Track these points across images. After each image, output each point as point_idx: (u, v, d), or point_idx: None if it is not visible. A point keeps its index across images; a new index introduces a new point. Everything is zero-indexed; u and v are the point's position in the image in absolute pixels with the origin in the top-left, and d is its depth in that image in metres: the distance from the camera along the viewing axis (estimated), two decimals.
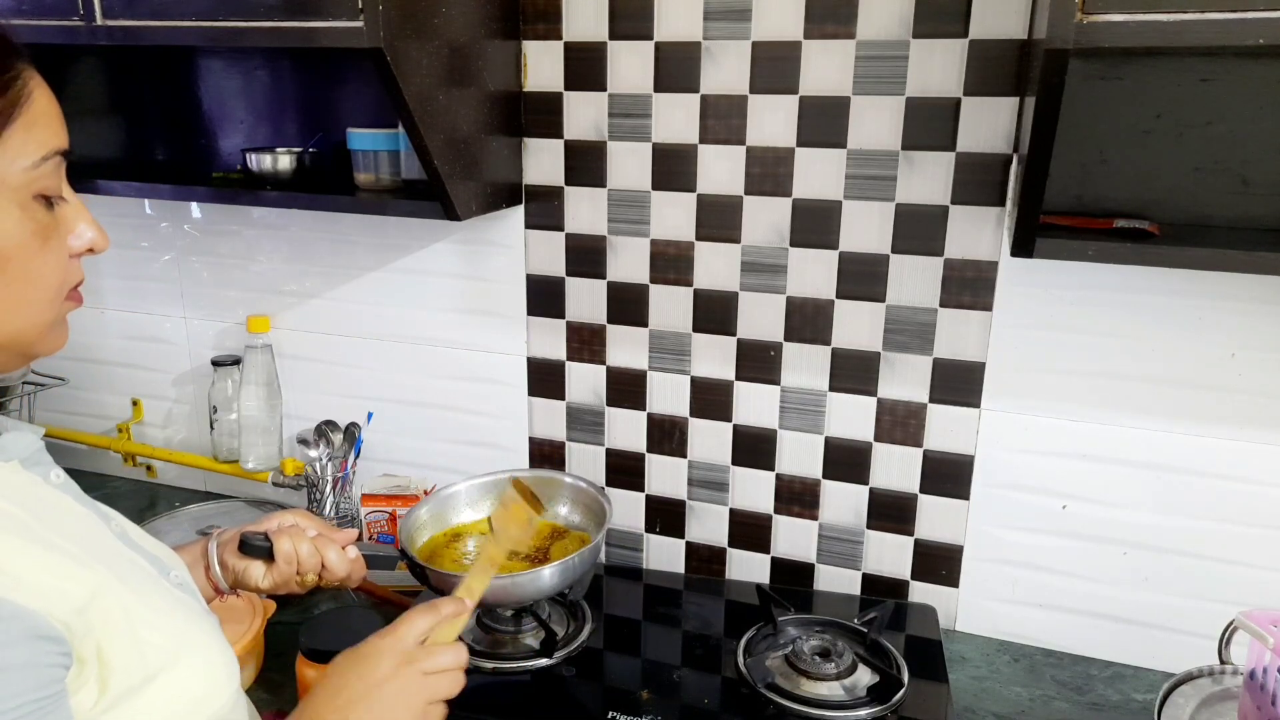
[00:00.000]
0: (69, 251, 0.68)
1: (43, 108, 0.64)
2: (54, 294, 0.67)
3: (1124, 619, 1.24)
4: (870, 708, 1.07)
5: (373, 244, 1.49)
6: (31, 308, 0.65)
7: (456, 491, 1.29)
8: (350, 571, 0.98)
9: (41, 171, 0.63)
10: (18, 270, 0.63)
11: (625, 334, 1.38)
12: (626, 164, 1.31)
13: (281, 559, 0.94)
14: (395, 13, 1.04)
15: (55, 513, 0.68)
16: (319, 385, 1.60)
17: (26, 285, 0.64)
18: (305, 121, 1.49)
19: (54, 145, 0.65)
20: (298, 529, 0.97)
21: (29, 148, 0.62)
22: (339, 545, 0.98)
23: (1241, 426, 1.13)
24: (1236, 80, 1.03)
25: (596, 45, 1.28)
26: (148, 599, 0.69)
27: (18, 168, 0.62)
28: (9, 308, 0.64)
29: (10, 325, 0.65)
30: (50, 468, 0.71)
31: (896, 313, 1.24)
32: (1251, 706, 0.93)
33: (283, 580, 0.95)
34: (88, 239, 0.69)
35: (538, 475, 1.33)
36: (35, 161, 0.63)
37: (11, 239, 0.62)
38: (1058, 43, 0.80)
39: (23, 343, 0.66)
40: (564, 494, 1.29)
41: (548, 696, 1.12)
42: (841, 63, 1.18)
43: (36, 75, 0.64)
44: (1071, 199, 1.12)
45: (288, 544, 0.94)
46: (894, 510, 1.31)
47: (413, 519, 1.23)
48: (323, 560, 0.96)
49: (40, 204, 0.64)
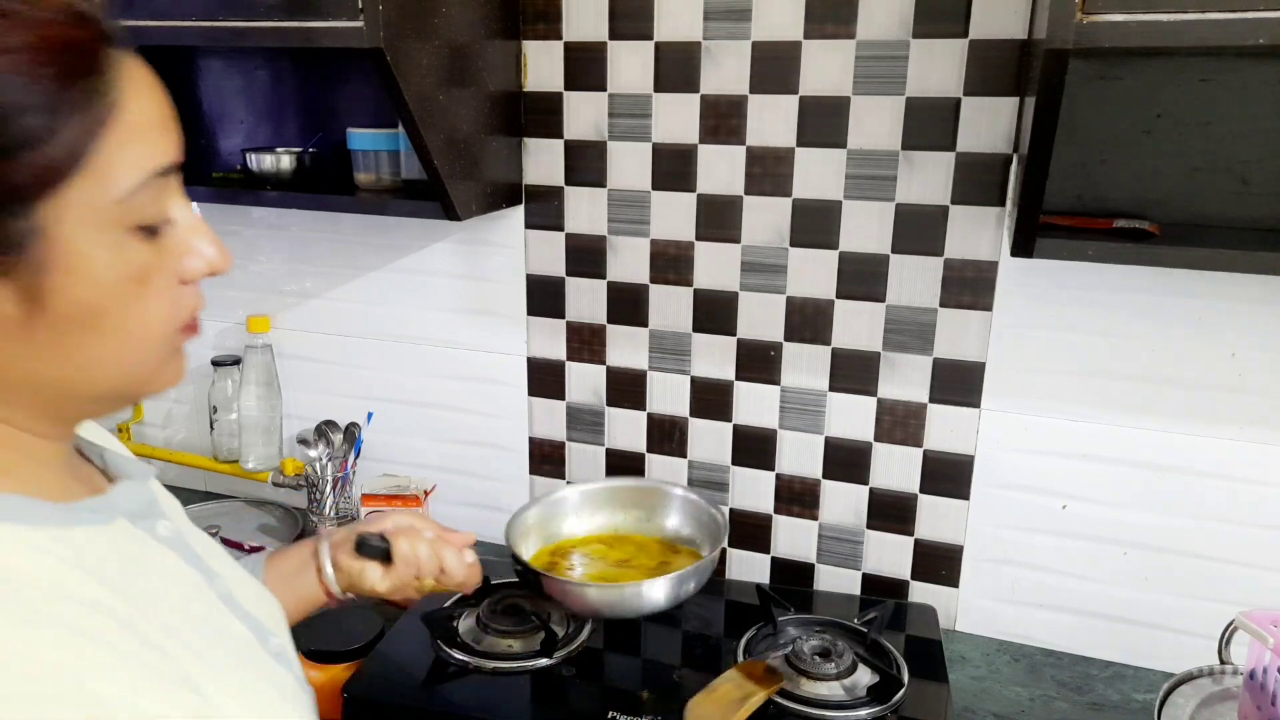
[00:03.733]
0: (181, 278, 0.55)
1: (140, 116, 0.50)
2: (160, 339, 0.55)
3: (1124, 619, 1.24)
4: (870, 708, 1.07)
5: (373, 244, 1.49)
6: (135, 357, 0.54)
7: (564, 497, 1.24)
8: (467, 576, 0.94)
9: (139, 200, 0.50)
10: (114, 324, 0.51)
11: (625, 334, 1.38)
12: (626, 164, 1.31)
13: (400, 561, 0.90)
14: (395, 13, 1.04)
15: (155, 586, 0.58)
16: (319, 385, 1.60)
17: (126, 338, 0.53)
18: (305, 121, 1.49)
19: (156, 163, 0.51)
20: (414, 530, 0.93)
21: (120, 173, 0.49)
22: (456, 548, 0.94)
23: (1242, 426, 1.13)
24: (1236, 80, 1.03)
25: (596, 45, 1.28)
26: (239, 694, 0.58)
27: (106, 201, 0.48)
28: (109, 361, 0.53)
29: (109, 378, 0.54)
30: (158, 520, 0.63)
31: (896, 313, 1.24)
32: (1251, 706, 0.93)
33: (401, 583, 0.91)
34: (206, 260, 0.56)
35: (645, 484, 1.27)
36: (131, 189, 0.49)
37: (101, 288, 0.50)
38: (1058, 43, 0.80)
39: (128, 394, 0.57)
40: (674, 506, 1.24)
41: (548, 696, 1.12)
42: (841, 63, 1.18)
43: (134, 71, 0.50)
44: (1071, 199, 1.12)
45: (406, 545, 0.90)
46: (894, 510, 1.31)
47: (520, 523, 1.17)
48: (441, 564, 0.92)
49: (139, 238, 0.51)
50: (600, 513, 1.26)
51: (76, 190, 0.47)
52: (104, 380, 0.54)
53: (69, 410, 0.57)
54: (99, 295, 0.50)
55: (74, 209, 0.48)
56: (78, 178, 0.47)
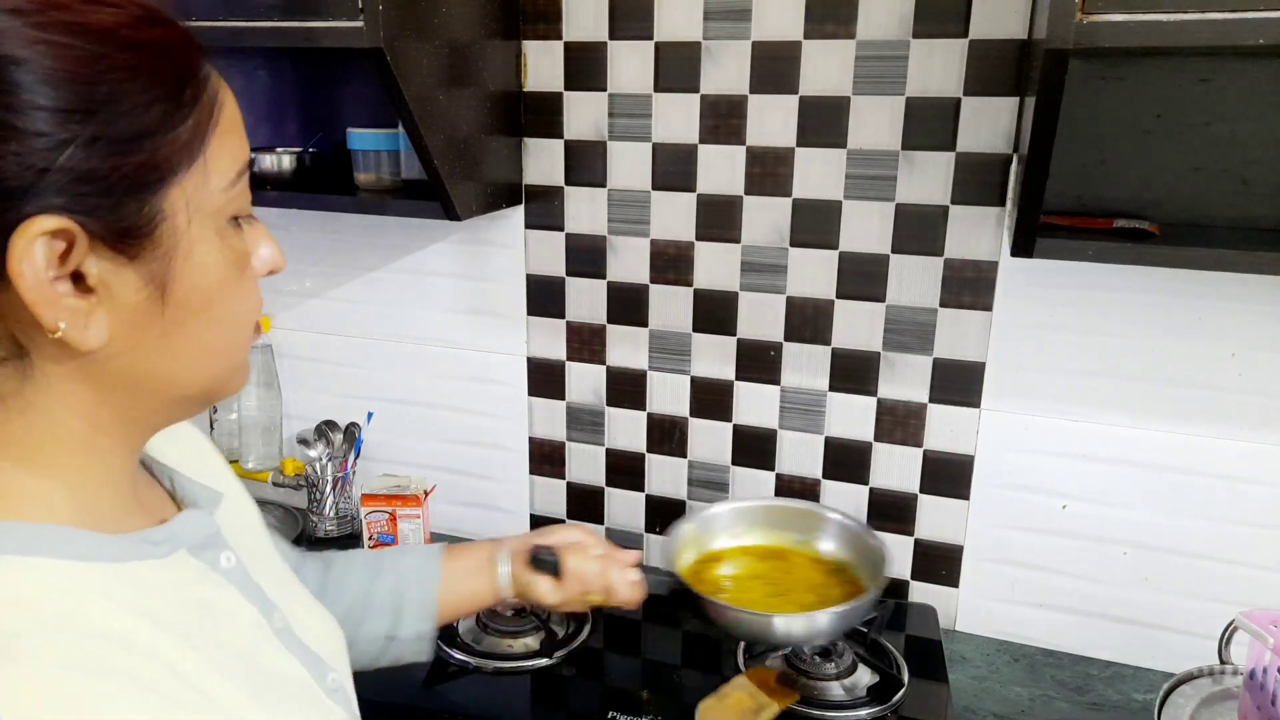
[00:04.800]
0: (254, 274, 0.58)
1: (231, 114, 0.55)
2: (248, 332, 0.57)
3: (1124, 619, 1.24)
4: (870, 708, 1.07)
5: (373, 244, 1.49)
6: (232, 349, 0.56)
7: (716, 514, 1.21)
8: (631, 595, 0.97)
9: (237, 190, 0.54)
10: (222, 310, 0.54)
11: (625, 334, 1.38)
12: (626, 164, 1.31)
13: (570, 577, 0.93)
14: (395, 12, 1.04)
15: (210, 624, 0.57)
16: (319, 385, 1.60)
17: (230, 325, 0.55)
18: (305, 121, 1.49)
19: (245, 157, 0.55)
20: (584, 547, 0.96)
21: (224, 163, 0.53)
22: (622, 566, 0.97)
23: (1241, 426, 1.13)
24: (1236, 80, 1.03)
25: (596, 45, 1.28)
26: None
27: (216, 189, 0.52)
28: (212, 352, 0.54)
29: (208, 371, 0.55)
30: (221, 550, 0.61)
31: (896, 313, 1.24)
32: (1251, 706, 0.93)
33: (569, 598, 0.94)
34: (267, 260, 0.58)
35: (794, 505, 1.23)
36: (232, 179, 0.53)
37: (213, 274, 0.52)
38: (1058, 43, 0.80)
39: (215, 390, 0.57)
40: (827, 530, 1.19)
41: (548, 696, 1.12)
42: (841, 63, 1.18)
43: (219, 75, 0.55)
44: (1071, 199, 1.12)
45: (576, 562, 0.94)
46: (894, 510, 1.31)
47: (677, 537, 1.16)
48: (607, 581, 0.95)
49: (233, 227, 0.54)
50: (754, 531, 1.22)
51: (192, 179, 0.50)
52: (201, 375, 0.55)
53: (157, 413, 0.56)
54: (211, 282, 0.52)
55: (190, 197, 0.51)
56: (194, 167, 0.51)
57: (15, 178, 0.44)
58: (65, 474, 0.52)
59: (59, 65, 0.45)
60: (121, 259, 0.48)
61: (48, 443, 0.51)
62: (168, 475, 0.64)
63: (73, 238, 0.46)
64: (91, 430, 0.52)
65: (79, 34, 0.46)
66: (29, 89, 0.44)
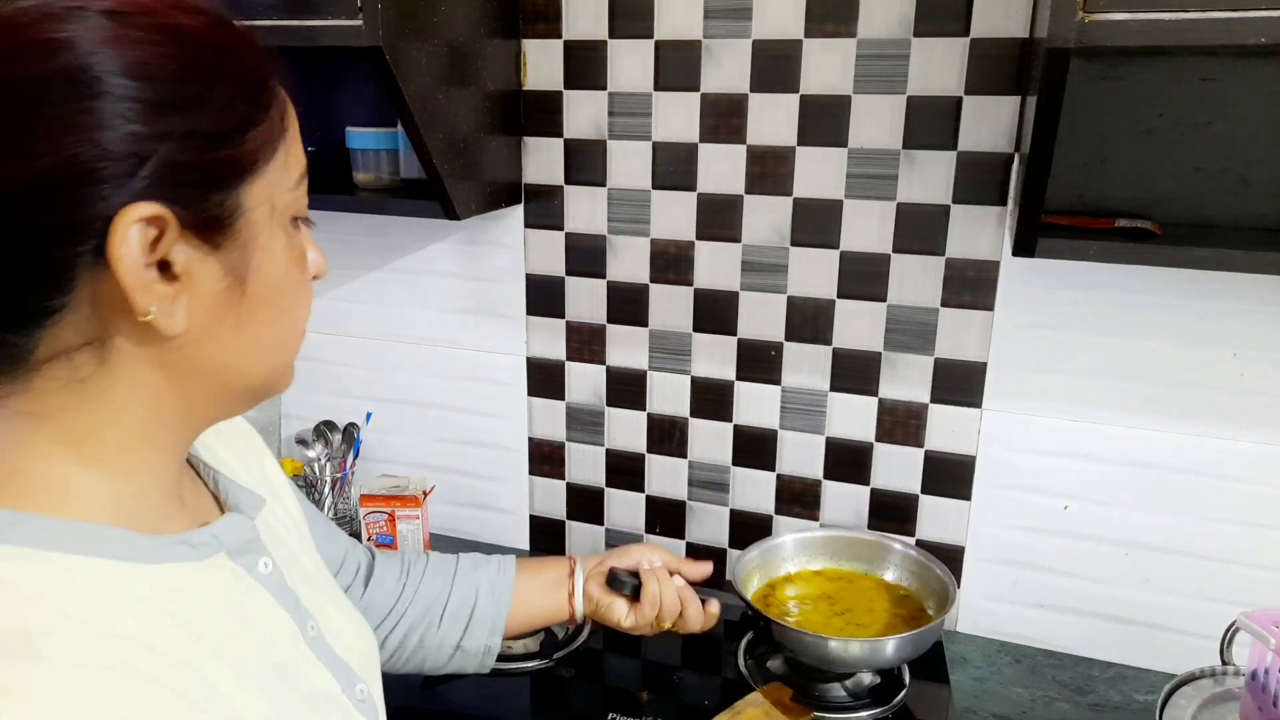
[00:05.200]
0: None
1: (294, 118, 0.58)
2: (304, 330, 0.60)
3: (1126, 619, 1.23)
4: (871, 709, 1.07)
5: (372, 243, 1.49)
6: (292, 343, 0.59)
7: (782, 543, 1.23)
8: (705, 624, 0.97)
9: (300, 190, 0.57)
10: (286, 304, 0.56)
11: (625, 334, 1.38)
12: (626, 163, 1.31)
13: (647, 602, 0.94)
14: (394, 11, 1.04)
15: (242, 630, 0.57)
16: (318, 385, 1.60)
17: (293, 320, 0.58)
18: (304, 120, 1.47)
19: (305, 160, 0.58)
20: (664, 572, 0.97)
21: (293, 164, 0.56)
22: (698, 599, 0.97)
23: (1242, 426, 1.13)
24: (1237, 80, 1.03)
25: (596, 44, 1.28)
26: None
27: (284, 188, 0.55)
28: (274, 346, 0.57)
29: (269, 364, 0.57)
30: (260, 556, 0.61)
31: (897, 312, 1.24)
32: (1253, 707, 0.93)
33: (643, 623, 0.95)
34: (314, 264, 0.60)
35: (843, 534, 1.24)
36: (296, 180, 0.56)
37: (281, 269, 0.55)
38: (1059, 42, 0.80)
39: (272, 384, 0.59)
40: (891, 559, 1.21)
41: (548, 697, 1.12)
42: (842, 61, 1.18)
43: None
44: (1073, 198, 1.12)
45: (655, 588, 0.94)
46: (895, 510, 1.31)
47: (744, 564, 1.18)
48: (683, 609, 0.96)
49: (294, 227, 0.57)
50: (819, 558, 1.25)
51: (269, 176, 0.53)
52: (262, 368, 0.57)
53: (217, 405, 0.57)
54: (279, 277, 0.55)
55: (266, 193, 0.53)
56: (271, 164, 0.53)
57: (118, 166, 0.46)
58: (116, 468, 0.53)
59: (155, 64, 0.47)
60: (206, 248, 0.50)
61: (108, 433, 0.52)
62: (213, 476, 0.64)
63: (165, 225, 0.48)
64: (155, 421, 0.53)
65: (170, 36, 0.49)
66: (130, 85, 0.46)
